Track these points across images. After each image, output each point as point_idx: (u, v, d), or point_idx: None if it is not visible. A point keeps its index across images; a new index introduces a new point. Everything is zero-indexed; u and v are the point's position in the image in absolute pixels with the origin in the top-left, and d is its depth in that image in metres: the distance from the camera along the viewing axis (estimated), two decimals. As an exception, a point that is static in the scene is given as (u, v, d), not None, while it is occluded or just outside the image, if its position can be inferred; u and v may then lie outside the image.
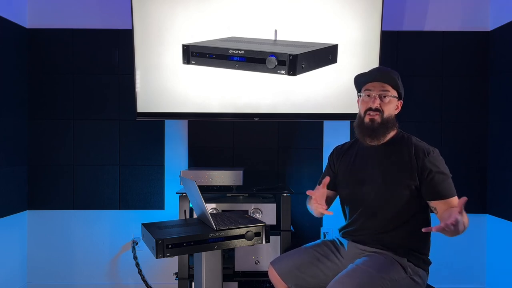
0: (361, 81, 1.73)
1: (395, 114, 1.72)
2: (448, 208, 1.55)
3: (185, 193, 2.26)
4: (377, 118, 1.65)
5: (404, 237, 1.63)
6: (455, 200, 1.58)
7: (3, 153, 2.46)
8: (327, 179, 1.63)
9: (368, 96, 1.68)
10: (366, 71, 1.75)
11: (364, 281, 1.49)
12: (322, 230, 2.71)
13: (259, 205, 2.32)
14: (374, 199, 1.67)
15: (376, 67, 1.78)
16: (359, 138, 1.73)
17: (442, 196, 1.58)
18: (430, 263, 1.67)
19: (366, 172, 1.71)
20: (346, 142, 1.91)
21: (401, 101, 1.73)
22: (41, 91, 2.69)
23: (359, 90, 1.75)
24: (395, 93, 1.69)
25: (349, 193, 1.78)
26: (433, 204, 1.60)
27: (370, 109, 1.66)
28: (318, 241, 1.85)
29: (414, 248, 1.63)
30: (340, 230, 1.82)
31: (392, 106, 1.68)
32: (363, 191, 1.70)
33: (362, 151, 1.76)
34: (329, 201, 1.80)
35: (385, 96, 1.66)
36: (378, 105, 1.65)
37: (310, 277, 1.70)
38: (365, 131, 1.68)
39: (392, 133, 1.70)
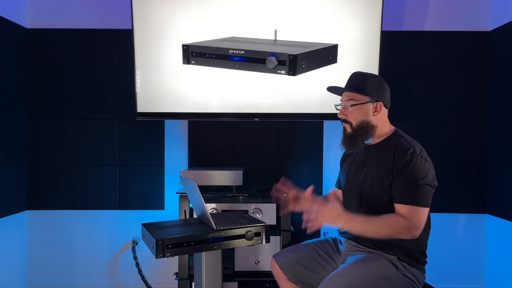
0: (337, 93, 1.79)
1: (378, 116, 1.67)
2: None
3: (185, 193, 2.26)
4: (348, 128, 1.70)
5: (393, 240, 1.62)
6: (419, 210, 1.49)
7: (3, 153, 2.46)
8: (310, 189, 1.69)
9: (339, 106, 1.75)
10: (364, 72, 1.78)
11: (356, 279, 1.49)
12: (322, 230, 2.71)
13: (259, 205, 2.32)
14: (357, 197, 1.70)
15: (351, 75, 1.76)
16: (343, 148, 1.77)
17: (399, 199, 1.53)
18: (424, 263, 1.66)
19: (357, 172, 1.74)
20: None
21: (380, 102, 1.67)
22: (41, 91, 2.69)
23: None
24: (364, 98, 1.65)
25: (343, 192, 1.83)
26: (395, 206, 1.55)
27: (340, 119, 1.73)
28: (321, 238, 1.89)
29: (403, 247, 1.61)
30: (338, 229, 1.84)
31: (361, 113, 1.66)
32: (352, 190, 1.75)
33: (361, 152, 1.78)
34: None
35: (348, 106, 1.68)
36: (343, 116, 1.70)
37: (310, 272, 1.73)
38: (343, 139, 1.73)
39: (386, 133, 1.70)
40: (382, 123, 1.69)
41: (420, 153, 1.57)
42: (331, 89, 1.79)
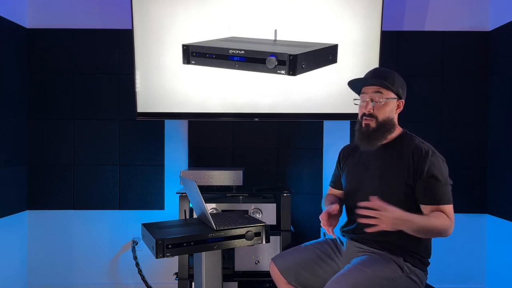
0: (356, 86, 1.74)
1: (397, 114, 1.70)
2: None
3: (185, 193, 2.26)
4: (372, 124, 1.65)
5: (399, 237, 1.61)
6: (447, 208, 1.54)
7: (3, 153, 2.45)
8: (336, 208, 1.66)
9: (363, 100, 1.68)
10: (365, 72, 1.76)
11: (361, 280, 1.49)
12: (322, 230, 2.71)
13: (259, 205, 2.32)
14: (368, 196, 1.67)
15: (372, 70, 1.75)
16: (358, 144, 1.72)
17: (429, 201, 1.56)
18: (428, 264, 1.67)
19: (366, 172, 1.71)
20: (353, 142, 1.91)
21: (402, 100, 1.70)
22: (41, 91, 2.69)
23: (358, 94, 1.75)
24: (391, 95, 1.66)
25: (349, 191, 1.80)
26: (422, 208, 1.58)
27: (364, 114, 1.67)
28: (320, 239, 1.87)
29: (410, 248, 1.62)
30: (340, 229, 1.83)
31: (388, 108, 1.65)
32: (361, 189, 1.72)
33: (366, 151, 1.75)
34: (341, 203, 1.83)
35: (378, 100, 1.64)
36: (371, 110, 1.64)
37: (310, 274, 1.71)
38: (361, 136, 1.68)
39: (394, 134, 1.69)
40: (397, 123, 1.71)
41: (437, 154, 1.61)
42: (357, 81, 1.70)
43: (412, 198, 1.61)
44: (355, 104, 1.73)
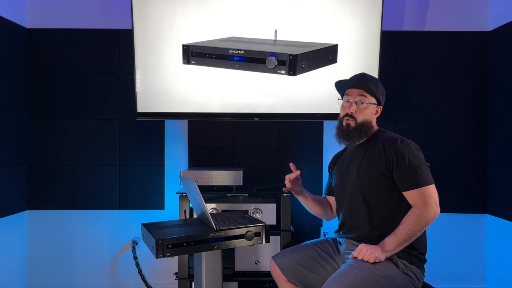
0: (341, 87, 1.82)
1: (375, 118, 1.79)
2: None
3: (185, 193, 2.26)
4: (352, 123, 1.74)
5: (389, 232, 1.62)
6: (428, 189, 1.59)
7: (3, 153, 2.45)
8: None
9: (347, 101, 1.76)
10: (356, 73, 1.84)
11: (358, 279, 1.50)
12: (322, 230, 2.71)
13: (259, 205, 2.32)
14: (351, 194, 1.74)
15: (358, 74, 1.84)
16: (337, 140, 1.81)
17: (409, 185, 1.61)
18: (424, 261, 1.68)
19: (347, 172, 1.79)
20: (341, 150, 1.97)
21: (381, 106, 1.79)
22: (41, 91, 2.69)
23: (341, 95, 1.83)
24: (373, 100, 1.75)
25: (336, 194, 1.87)
26: (406, 196, 1.64)
27: (346, 114, 1.75)
28: (321, 238, 1.89)
29: None
30: (335, 232, 1.86)
31: (368, 112, 1.75)
32: (344, 189, 1.79)
33: (348, 153, 1.85)
34: (324, 204, 1.97)
35: (362, 102, 1.73)
36: (353, 111, 1.73)
37: (310, 272, 1.73)
38: (341, 134, 1.78)
39: (371, 134, 1.77)
40: (375, 125, 1.80)
41: (408, 141, 1.68)
42: (344, 82, 1.80)
43: (392, 188, 1.66)
44: (339, 103, 1.82)
